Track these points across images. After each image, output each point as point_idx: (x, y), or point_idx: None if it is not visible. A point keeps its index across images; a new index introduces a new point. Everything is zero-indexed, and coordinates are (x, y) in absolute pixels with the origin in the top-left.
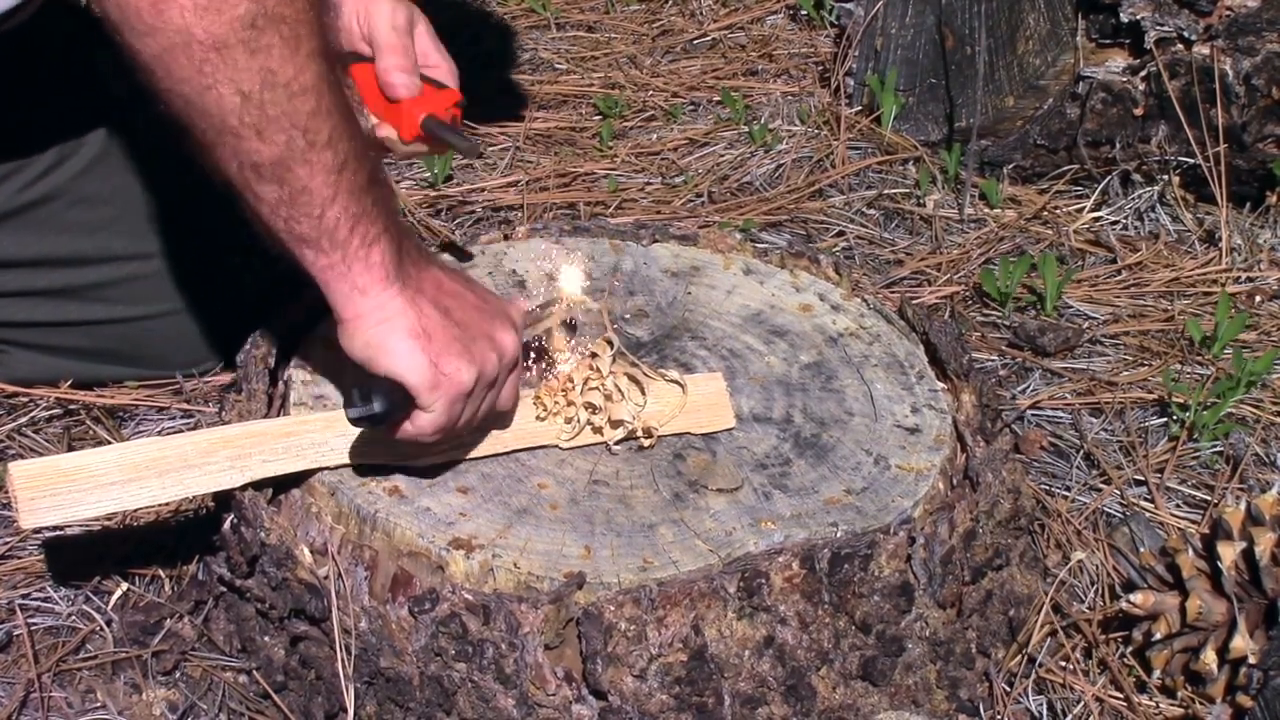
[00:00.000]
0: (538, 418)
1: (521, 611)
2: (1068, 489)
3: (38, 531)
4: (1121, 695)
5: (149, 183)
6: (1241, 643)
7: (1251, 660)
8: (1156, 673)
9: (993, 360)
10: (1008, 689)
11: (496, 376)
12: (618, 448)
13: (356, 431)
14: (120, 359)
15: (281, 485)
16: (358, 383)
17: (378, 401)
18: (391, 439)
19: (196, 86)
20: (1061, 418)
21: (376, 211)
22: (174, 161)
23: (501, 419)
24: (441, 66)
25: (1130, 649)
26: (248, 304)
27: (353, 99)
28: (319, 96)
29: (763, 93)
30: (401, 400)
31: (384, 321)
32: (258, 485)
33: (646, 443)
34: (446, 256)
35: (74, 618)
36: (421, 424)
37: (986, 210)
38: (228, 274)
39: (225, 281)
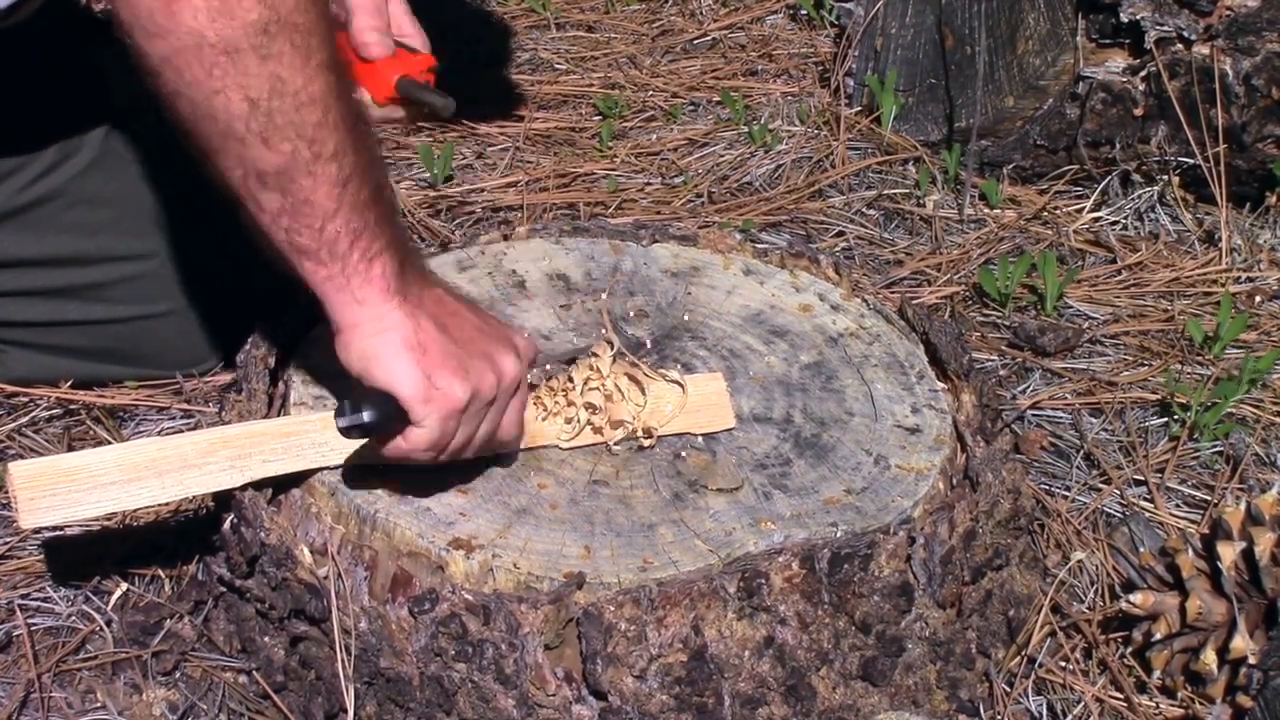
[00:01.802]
0: (538, 418)
1: (521, 611)
2: (1068, 489)
3: (38, 531)
4: (1121, 695)
5: (149, 183)
6: (1241, 643)
7: (1251, 660)
8: (1156, 673)
9: (993, 360)
10: (1008, 689)
11: (494, 399)
12: (618, 448)
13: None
14: (120, 359)
15: (281, 485)
16: (352, 395)
17: (367, 412)
18: (383, 457)
19: (205, 90)
20: (1061, 418)
21: (380, 227)
22: (174, 162)
23: (503, 446)
24: (415, 37)
25: (1130, 649)
26: (248, 304)
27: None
28: (327, 108)
29: (763, 93)
30: (394, 413)
31: (380, 333)
32: (258, 485)
33: (646, 443)
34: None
35: (74, 618)
36: (414, 440)
37: (986, 210)
38: (228, 274)
39: (225, 281)
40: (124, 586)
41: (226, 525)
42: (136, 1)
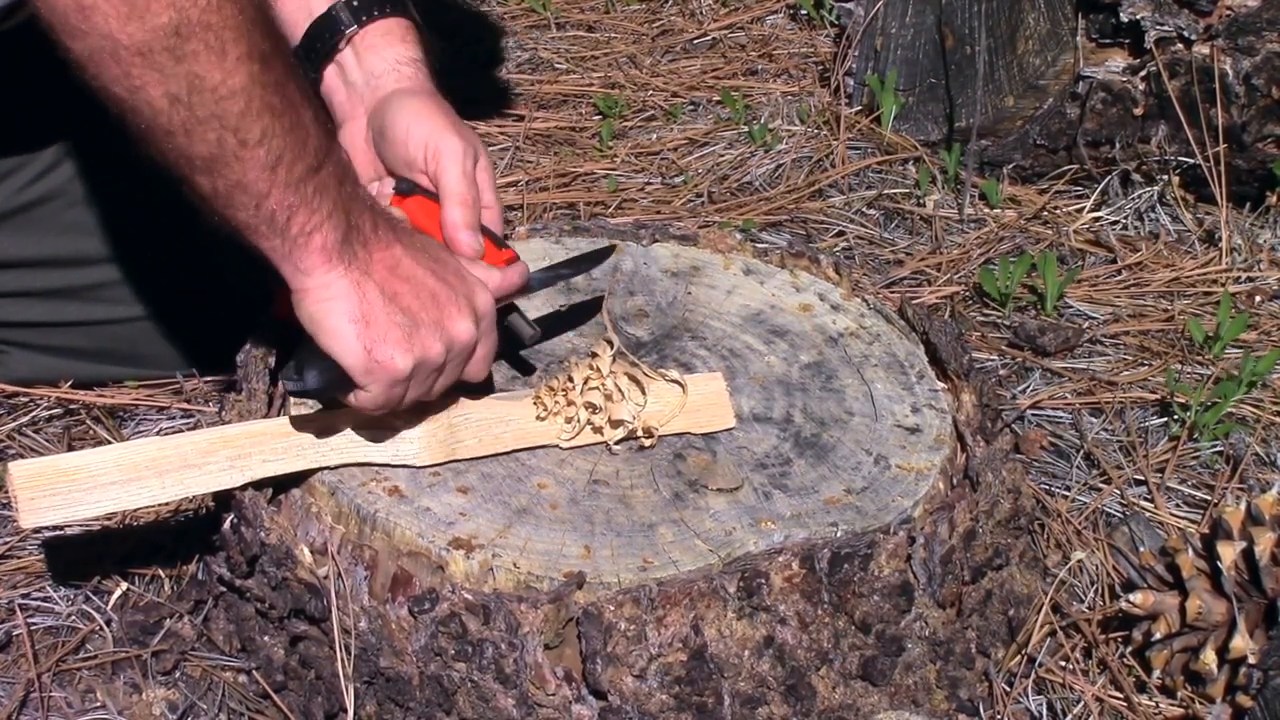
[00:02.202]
0: (538, 418)
1: (521, 611)
2: (1068, 489)
3: (38, 531)
4: (1121, 695)
5: (149, 182)
6: (1241, 643)
7: (1251, 660)
8: (1156, 673)
9: (993, 360)
10: (1008, 689)
11: (442, 364)
12: (618, 447)
13: (356, 431)
14: (120, 359)
15: (281, 485)
16: (298, 356)
17: (310, 376)
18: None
19: (126, 88)
20: (1061, 417)
21: (319, 199)
22: None
23: (474, 388)
24: (494, 209)
25: (1130, 649)
26: (247, 304)
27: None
28: (249, 98)
29: (763, 92)
30: (340, 379)
31: (325, 301)
32: (258, 485)
33: (647, 442)
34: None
35: (74, 617)
36: (361, 401)
37: (986, 210)
38: (227, 274)
39: (224, 281)
40: (124, 586)
41: (226, 525)
42: (53, 3)
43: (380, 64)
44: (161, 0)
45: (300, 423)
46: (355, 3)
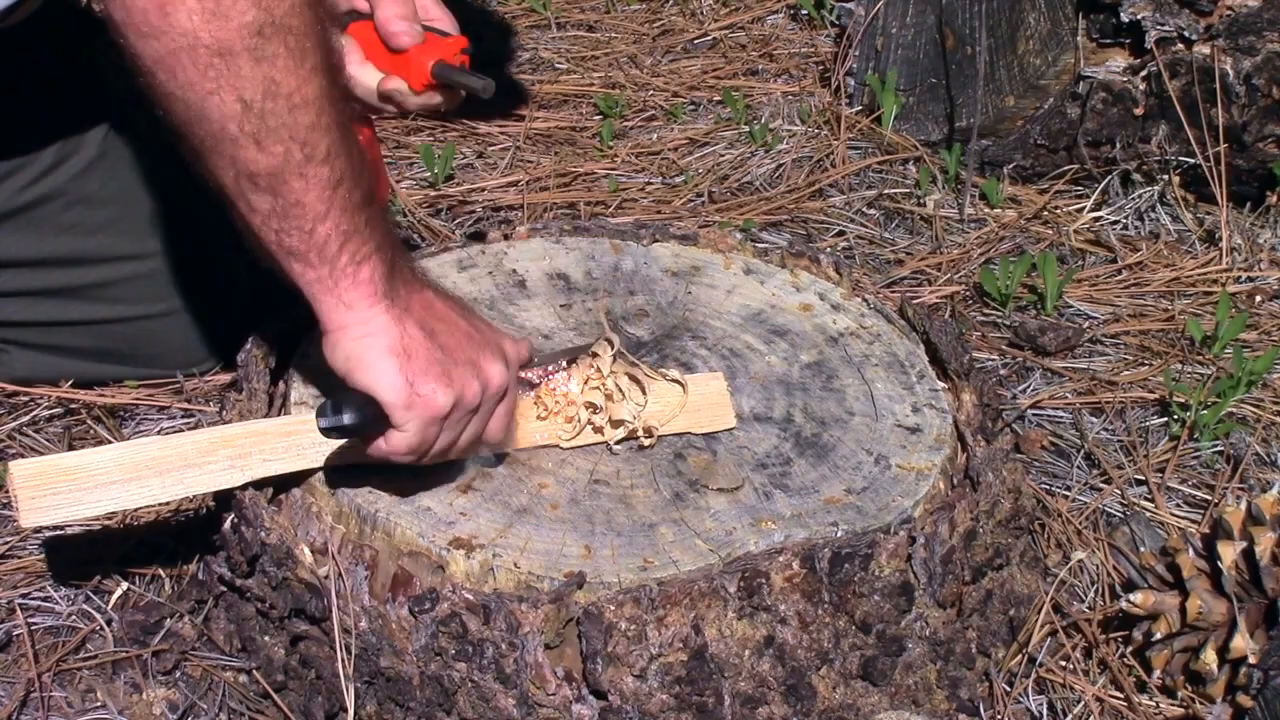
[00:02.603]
0: (538, 417)
1: (521, 611)
2: (1068, 489)
3: (38, 531)
4: (1122, 695)
5: (149, 182)
6: (1241, 642)
7: (1251, 660)
8: (1157, 672)
9: (993, 360)
10: (1008, 689)
11: (478, 406)
12: (618, 447)
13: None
14: (121, 358)
15: (282, 485)
16: (335, 395)
17: (348, 414)
18: (365, 457)
19: (199, 92)
20: (1062, 417)
21: (369, 230)
22: (174, 161)
23: (490, 449)
24: (442, 19)
25: (1130, 649)
26: (248, 304)
27: (355, 55)
28: (320, 111)
29: (763, 92)
30: (375, 417)
31: (366, 336)
32: (258, 485)
33: (647, 442)
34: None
35: (74, 617)
36: (395, 443)
37: (987, 210)
38: (228, 274)
39: (225, 281)
40: (124, 586)
41: (227, 525)
42: (130, 2)
43: None
44: None
45: (300, 422)
46: None
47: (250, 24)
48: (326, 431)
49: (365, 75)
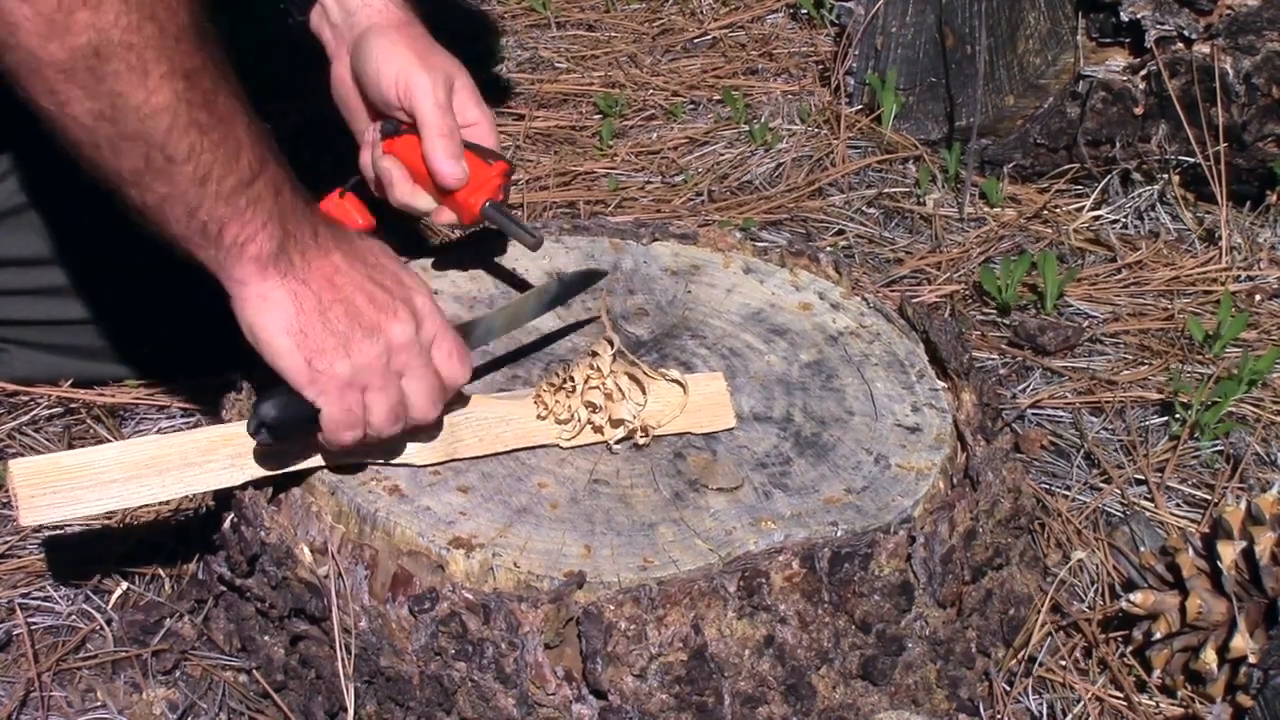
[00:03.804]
0: (538, 417)
1: (521, 611)
2: (1068, 488)
3: (38, 530)
4: (1121, 695)
5: None
6: (1241, 642)
7: (1251, 659)
8: (1156, 672)
9: (993, 359)
10: (1008, 688)
11: (386, 366)
12: (618, 447)
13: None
14: (121, 358)
15: (281, 484)
16: (261, 396)
17: (265, 407)
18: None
19: (52, 103)
20: (1062, 417)
21: (252, 211)
22: None
23: (420, 418)
24: (481, 123)
25: (1130, 648)
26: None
27: (403, 178)
28: (174, 116)
29: (763, 91)
30: (301, 410)
31: (262, 312)
32: (258, 484)
33: (643, 441)
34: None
35: (74, 617)
36: (327, 426)
37: (986, 209)
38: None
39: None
40: (124, 585)
41: (227, 524)
42: None
43: (354, 0)
44: (81, 21)
45: None
46: None
47: (85, 45)
48: (255, 434)
49: (418, 200)
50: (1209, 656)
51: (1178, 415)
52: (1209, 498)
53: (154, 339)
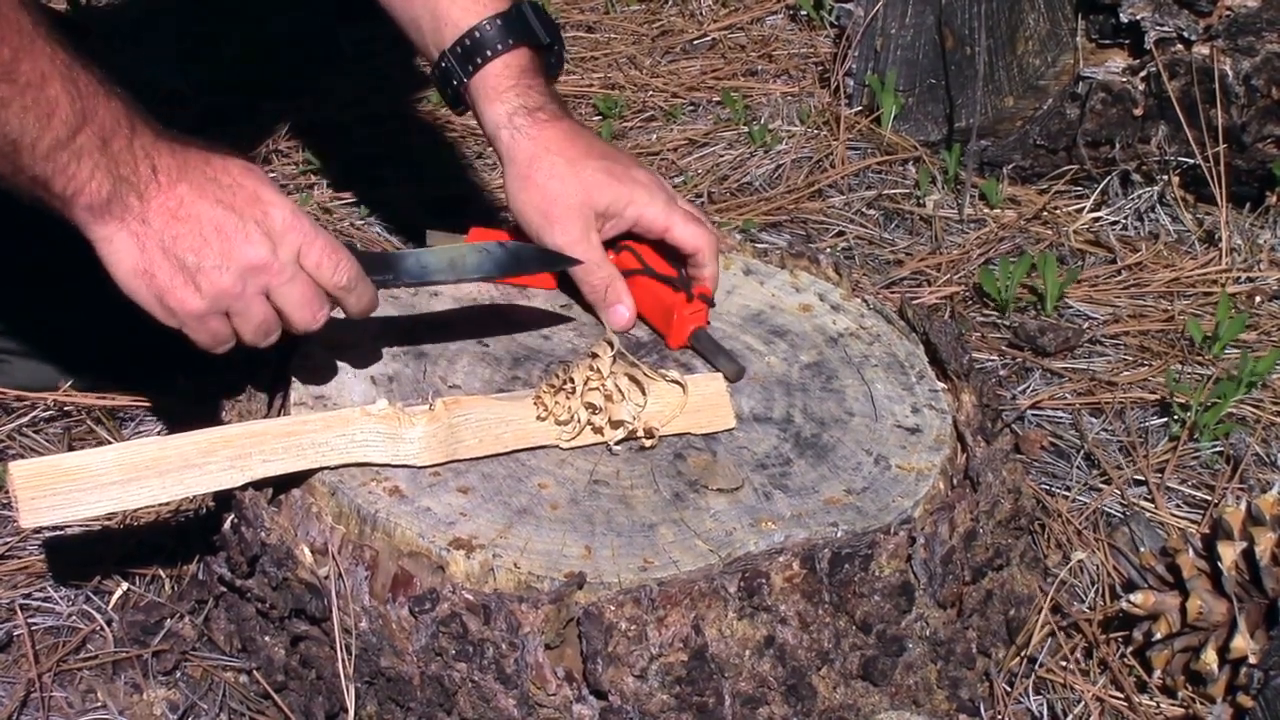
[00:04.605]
0: (538, 418)
1: (522, 611)
2: (1068, 489)
3: (38, 531)
4: (1122, 695)
5: None
6: (1242, 642)
7: (1252, 660)
8: (1157, 673)
9: (993, 360)
10: (1008, 689)
11: (244, 290)
12: (618, 448)
13: (357, 431)
14: (122, 364)
15: (282, 485)
16: None
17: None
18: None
19: None
20: (1062, 418)
21: (75, 165)
22: None
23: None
24: (699, 234)
25: (1130, 649)
26: None
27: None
28: None
29: (762, 93)
30: None
31: (111, 255)
32: (258, 485)
33: (648, 443)
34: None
35: (74, 618)
36: (199, 346)
37: (986, 210)
38: None
39: None
40: (124, 586)
41: (227, 525)
42: None
43: (492, 117)
44: None
45: (300, 423)
46: (469, 43)
47: None
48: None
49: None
50: (1209, 657)
51: (1177, 416)
52: (1209, 498)
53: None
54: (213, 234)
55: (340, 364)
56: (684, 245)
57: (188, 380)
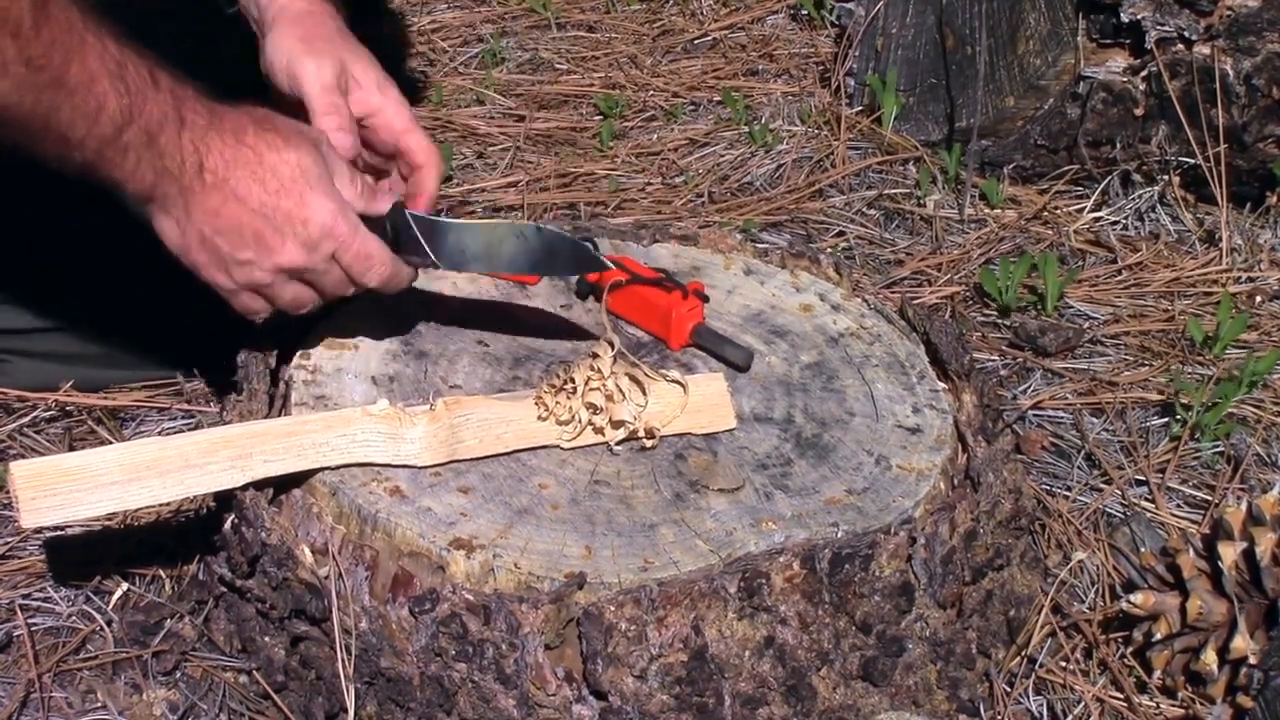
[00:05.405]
0: (539, 418)
1: (522, 611)
2: (1068, 489)
3: (38, 531)
4: (1122, 695)
5: None
6: (1242, 643)
7: (1252, 660)
8: (1157, 673)
9: (993, 360)
10: (1008, 689)
11: (274, 282)
12: (619, 448)
13: (358, 431)
14: (122, 362)
15: (282, 485)
16: None
17: None
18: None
19: None
20: (1062, 418)
21: (121, 158)
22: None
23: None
24: (383, 109)
25: (1130, 649)
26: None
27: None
28: (19, 100)
29: (763, 93)
30: None
31: (159, 229)
32: (258, 485)
33: (648, 443)
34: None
35: (74, 618)
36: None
37: (987, 210)
38: None
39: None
40: (124, 586)
41: (227, 525)
42: None
43: None
44: None
45: (301, 423)
46: None
47: None
48: None
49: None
50: (1209, 657)
51: (1178, 416)
52: (1210, 499)
53: (153, 342)
54: (250, 238)
55: (341, 364)
56: (415, 153)
57: (188, 379)
